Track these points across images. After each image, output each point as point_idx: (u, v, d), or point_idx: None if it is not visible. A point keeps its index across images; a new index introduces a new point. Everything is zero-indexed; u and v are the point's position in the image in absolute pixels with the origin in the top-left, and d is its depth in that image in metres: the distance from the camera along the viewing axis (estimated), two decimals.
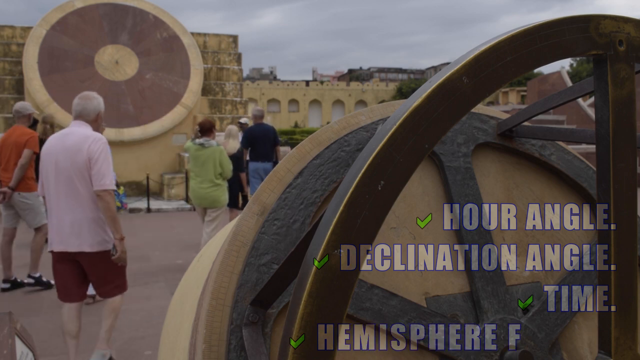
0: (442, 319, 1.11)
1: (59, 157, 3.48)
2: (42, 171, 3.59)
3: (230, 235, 1.11)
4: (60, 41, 13.09)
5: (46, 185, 3.57)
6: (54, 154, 3.51)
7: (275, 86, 72.53)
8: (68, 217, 3.49)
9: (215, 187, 6.04)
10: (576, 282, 1.24)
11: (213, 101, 14.91)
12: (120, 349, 4.35)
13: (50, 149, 3.55)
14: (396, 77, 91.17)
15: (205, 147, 6.00)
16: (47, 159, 3.54)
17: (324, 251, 0.69)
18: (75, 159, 3.46)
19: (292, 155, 1.18)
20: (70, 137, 3.53)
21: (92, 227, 3.53)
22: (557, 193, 1.36)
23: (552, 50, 0.81)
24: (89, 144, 3.48)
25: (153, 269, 6.69)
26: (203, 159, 6.03)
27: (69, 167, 3.46)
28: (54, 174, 3.50)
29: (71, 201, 3.49)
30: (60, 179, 3.49)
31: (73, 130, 3.58)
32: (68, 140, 3.51)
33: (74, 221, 3.50)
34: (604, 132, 0.86)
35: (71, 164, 3.46)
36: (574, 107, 19.62)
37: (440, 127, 0.74)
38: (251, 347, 1.00)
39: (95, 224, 3.55)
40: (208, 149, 5.98)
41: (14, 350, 1.99)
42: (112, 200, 3.54)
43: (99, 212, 3.54)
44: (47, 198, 3.59)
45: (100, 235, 3.57)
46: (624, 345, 0.85)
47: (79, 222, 3.51)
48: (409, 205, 1.21)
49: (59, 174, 3.49)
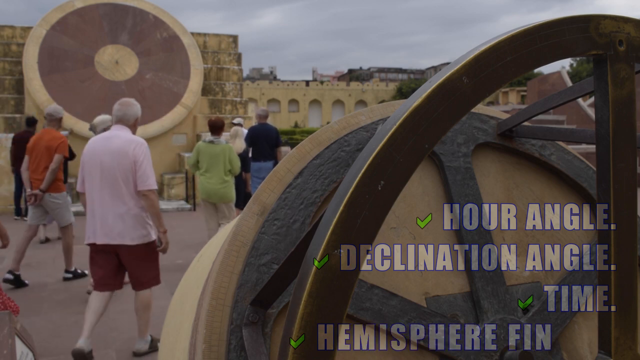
0: (442, 319, 1.11)
1: (104, 159, 3.80)
2: (86, 170, 3.89)
3: (230, 235, 1.11)
4: (60, 41, 13.09)
5: (89, 184, 3.87)
6: (99, 155, 3.82)
7: (275, 86, 72.54)
8: (112, 212, 3.82)
9: (224, 184, 6.29)
10: (576, 282, 1.24)
11: (213, 101, 14.91)
12: (120, 349, 4.35)
13: (95, 150, 3.85)
14: (396, 77, 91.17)
15: (215, 145, 6.24)
16: (92, 160, 3.84)
17: (324, 251, 0.69)
18: (121, 161, 3.79)
19: (292, 155, 1.18)
20: (115, 141, 3.84)
21: (134, 222, 3.86)
22: (557, 193, 1.36)
23: (552, 50, 0.81)
24: (134, 148, 3.81)
25: None
26: (214, 156, 6.25)
27: (115, 168, 3.78)
28: (99, 174, 3.81)
29: (115, 199, 3.81)
30: (105, 178, 3.80)
31: (116, 134, 3.90)
32: (113, 143, 3.83)
33: (117, 216, 3.82)
34: (604, 132, 0.86)
35: (117, 165, 3.78)
36: (574, 107, 19.62)
37: (440, 127, 0.74)
38: (251, 347, 1.00)
39: (136, 220, 3.88)
40: (218, 147, 6.22)
41: (14, 350, 1.99)
42: (156, 198, 3.90)
43: (139, 208, 3.87)
44: (90, 195, 3.88)
45: (139, 230, 3.89)
46: (624, 345, 0.85)
47: (122, 217, 3.83)
48: (409, 205, 1.21)
49: (104, 174, 3.81)
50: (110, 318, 5.02)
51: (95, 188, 3.86)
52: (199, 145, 6.45)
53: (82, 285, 5.96)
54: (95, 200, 3.86)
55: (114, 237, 3.85)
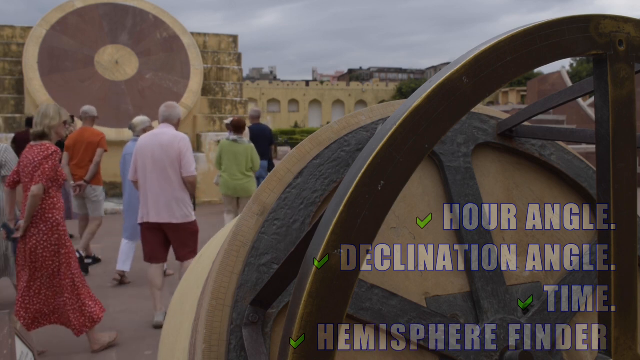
0: (442, 319, 1.11)
1: (155, 151, 4.58)
2: (139, 161, 4.65)
3: (230, 235, 1.11)
4: (60, 41, 13.09)
5: (142, 172, 4.64)
6: (150, 148, 4.60)
7: (275, 86, 72.54)
8: (162, 196, 4.59)
9: (247, 179, 6.80)
10: (576, 282, 1.24)
11: (213, 101, 14.91)
12: (120, 349, 4.35)
13: (146, 144, 4.64)
14: (396, 77, 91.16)
15: (239, 144, 6.78)
16: (144, 152, 4.62)
17: (324, 251, 0.69)
18: (169, 153, 4.58)
19: (292, 155, 1.18)
20: (163, 137, 4.64)
21: (179, 204, 4.64)
22: (557, 193, 1.36)
23: (552, 50, 0.81)
24: (179, 142, 4.63)
25: None
26: (236, 154, 6.75)
27: (164, 158, 4.58)
28: (151, 163, 4.59)
29: (164, 184, 4.59)
30: (156, 167, 4.59)
31: (164, 131, 4.70)
32: (162, 138, 4.63)
33: (166, 200, 4.60)
34: (604, 132, 0.86)
35: (166, 156, 4.58)
36: (574, 107, 19.62)
37: (440, 127, 0.74)
38: (251, 347, 1.00)
39: (181, 202, 4.66)
40: (241, 146, 6.76)
41: (14, 350, 1.99)
42: (196, 182, 4.78)
43: (183, 193, 4.67)
44: (142, 182, 4.65)
45: (183, 210, 4.67)
46: (624, 345, 0.85)
47: (170, 200, 4.60)
48: (409, 205, 1.21)
49: (155, 164, 4.58)
50: (110, 318, 5.02)
51: (147, 176, 4.61)
52: (222, 144, 6.91)
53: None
54: (147, 186, 4.61)
55: (163, 217, 4.61)
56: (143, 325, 4.89)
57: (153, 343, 4.44)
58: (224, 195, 7.04)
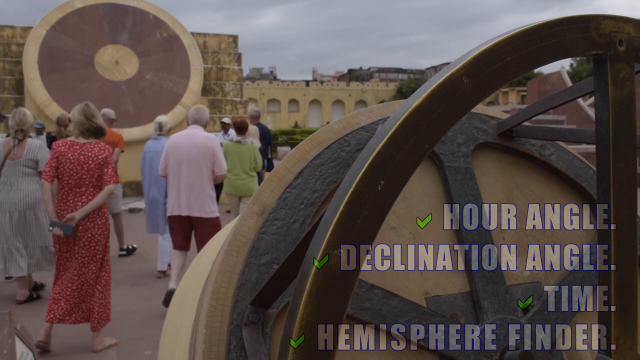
0: (442, 319, 1.11)
1: (189, 150, 5.01)
2: (171, 159, 5.05)
3: (230, 235, 1.11)
4: (60, 41, 13.09)
5: (175, 169, 5.04)
6: (185, 147, 5.02)
7: (275, 86, 72.54)
8: (194, 192, 5.02)
9: (250, 178, 7.03)
10: (576, 282, 1.24)
11: (213, 101, 14.90)
12: (120, 349, 4.35)
13: (181, 144, 5.05)
14: (396, 77, 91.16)
15: (242, 144, 7.01)
16: (177, 151, 5.04)
17: (324, 251, 0.69)
18: (203, 153, 5.02)
19: (292, 155, 1.18)
20: (196, 137, 5.06)
21: (207, 200, 5.09)
22: (557, 193, 1.36)
23: (552, 50, 0.81)
24: (211, 142, 5.11)
25: (153, 269, 6.68)
26: (240, 154, 6.97)
27: (198, 157, 5.01)
28: (186, 162, 5.00)
29: (197, 181, 5.01)
30: (190, 165, 5.00)
31: (196, 132, 5.13)
32: (195, 139, 5.05)
33: (197, 196, 5.03)
34: (604, 132, 0.86)
35: (200, 155, 5.01)
36: (574, 107, 19.61)
37: (440, 127, 0.74)
38: (251, 347, 1.00)
39: (210, 198, 5.13)
40: (245, 146, 7.00)
41: (14, 350, 1.99)
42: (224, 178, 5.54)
43: (211, 190, 5.14)
44: (174, 178, 5.05)
45: (210, 206, 5.12)
46: (624, 345, 0.85)
47: (200, 196, 5.04)
48: (409, 205, 1.21)
49: (189, 162, 5.00)
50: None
51: (182, 172, 5.02)
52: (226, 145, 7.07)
53: None
54: (181, 182, 5.03)
55: (193, 211, 5.05)
56: (143, 325, 4.88)
57: (153, 343, 4.44)
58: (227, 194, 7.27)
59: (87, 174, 4.14)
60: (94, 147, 4.21)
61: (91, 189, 4.18)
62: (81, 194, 4.15)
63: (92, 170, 4.15)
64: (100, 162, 4.17)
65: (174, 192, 5.07)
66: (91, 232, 4.18)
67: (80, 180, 4.15)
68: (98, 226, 4.22)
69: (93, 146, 4.21)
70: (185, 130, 5.22)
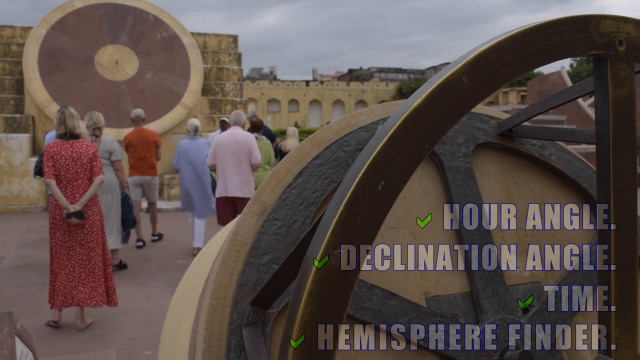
0: (442, 319, 1.11)
1: (233, 145, 6.49)
2: (218, 152, 6.50)
3: (230, 235, 1.11)
4: (60, 41, 13.08)
5: (222, 160, 6.49)
6: (229, 143, 6.50)
7: (275, 86, 72.54)
8: (237, 177, 6.48)
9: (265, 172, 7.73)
10: (576, 282, 1.24)
11: (213, 101, 14.90)
12: (120, 349, 4.35)
13: (226, 140, 6.53)
14: (396, 77, 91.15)
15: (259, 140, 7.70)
16: (223, 146, 6.50)
17: (324, 251, 0.69)
18: (243, 147, 6.52)
19: (292, 155, 1.18)
20: (237, 135, 6.60)
21: (247, 184, 6.51)
22: (557, 193, 1.36)
23: (552, 50, 0.81)
24: (249, 139, 6.60)
25: (153, 269, 6.69)
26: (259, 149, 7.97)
27: (239, 151, 6.50)
28: (230, 154, 6.47)
29: (239, 169, 6.50)
30: (234, 157, 6.49)
31: (237, 131, 6.65)
32: (237, 137, 6.56)
33: (240, 180, 6.48)
34: (604, 132, 0.86)
35: (241, 149, 6.50)
36: (574, 107, 19.61)
37: (440, 127, 0.74)
38: (251, 347, 1.00)
39: (249, 182, 6.54)
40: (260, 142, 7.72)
41: (14, 350, 1.99)
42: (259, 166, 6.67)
43: (250, 175, 6.56)
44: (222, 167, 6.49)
45: (250, 188, 6.50)
46: (624, 345, 0.85)
47: (242, 180, 6.48)
48: (409, 205, 1.21)
49: (234, 154, 6.48)
50: (110, 318, 5.02)
51: (227, 163, 6.49)
52: None
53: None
54: (226, 170, 6.48)
55: (236, 192, 6.41)
56: (143, 325, 4.89)
57: (153, 343, 4.44)
58: None
59: (81, 167, 4.75)
60: (82, 144, 4.81)
61: (85, 181, 4.80)
62: (77, 187, 4.75)
63: (85, 165, 4.77)
64: (90, 156, 4.80)
65: (222, 178, 6.50)
66: (91, 219, 4.81)
67: (76, 174, 4.74)
68: (95, 213, 4.86)
69: (81, 144, 4.80)
70: (229, 130, 6.82)
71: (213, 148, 6.62)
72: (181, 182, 7.72)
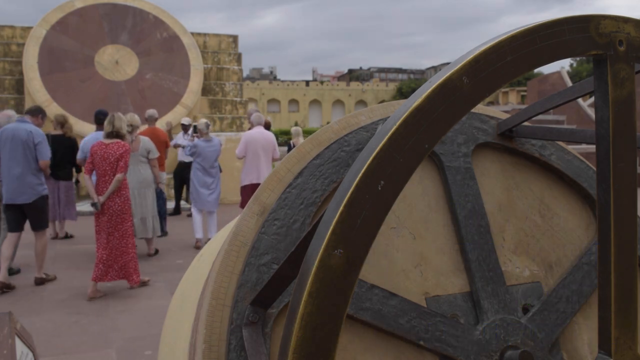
0: (442, 319, 1.11)
1: (262, 142, 7.72)
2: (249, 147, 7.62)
3: (230, 235, 1.11)
4: (60, 41, 13.09)
5: (253, 154, 7.64)
6: (259, 140, 7.72)
7: (275, 86, 72.55)
8: (266, 168, 7.68)
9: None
10: (576, 282, 1.24)
11: (213, 101, 14.91)
12: (120, 349, 4.35)
13: (257, 137, 7.72)
14: (396, 77, 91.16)
15: None
16: (253, 143, 7.66)
17: (324, 251, 0.69)
18: (269, 143, 7.80)
19: (292, 155, 1.18)
20: (265, 134, 7.89)
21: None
22: (557, 193, 1.36)
23: (552, 50, 0.81)
24: (272, 137, 7.95)
25: (153, 269, 6.69)
26: None
27: (267, 146, 7.76)
28: (261, 149, 7.67)
29: (267, 161, 7.75)
30: (264, 151, 7.70)
31: (261, 130, 7.90)
32: (264, 134, 7.86)
33: (267, 170, 7.56)
34: (604, 132, 0.86)
35: (268, 145, 7.78)
36: (574, 107, 19.60)
37: (440, 127, 0.74)
38: (251, 347, 1.00)
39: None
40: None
41: (14, 350, 1.99)
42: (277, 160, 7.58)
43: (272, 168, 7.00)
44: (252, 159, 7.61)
45: None
46: (624, 345, 0.85)
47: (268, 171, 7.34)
48: (409, 205, 1.21)
49: (263, 149, 7.69)
50: (110, 318, 5.02)
51: (258, 157, 7.67)
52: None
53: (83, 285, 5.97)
54: (257, 163, 7.64)
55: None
56: (143, 325, 4.89)
57: (153, 343, 4.44)
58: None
59: (109, 166, 5.70)
60: (115, 145, 5.75)
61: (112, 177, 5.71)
62: (105, 182, 5.72)
63: (112, 163, 5.71)
64: (117, 156, 5.70)
65: (255, 168, 7.66)
66: (119, 206, 5.76)
67: (104, 171, 5.72)
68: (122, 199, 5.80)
69: (114, 145, 5.75)
70: (256, 129, 7.94)
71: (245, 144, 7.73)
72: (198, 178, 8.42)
